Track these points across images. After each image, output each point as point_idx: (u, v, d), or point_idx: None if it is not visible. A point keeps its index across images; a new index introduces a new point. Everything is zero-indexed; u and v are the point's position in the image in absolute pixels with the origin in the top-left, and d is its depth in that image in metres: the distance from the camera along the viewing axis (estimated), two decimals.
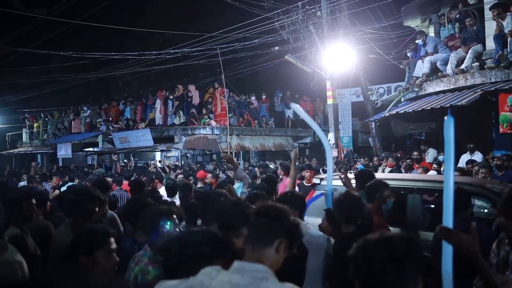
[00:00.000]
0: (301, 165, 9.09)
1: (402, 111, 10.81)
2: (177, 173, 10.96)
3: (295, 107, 3.41)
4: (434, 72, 11.01)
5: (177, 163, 17.02)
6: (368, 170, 6.12)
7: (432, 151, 10.57)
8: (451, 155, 1.89)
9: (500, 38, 9.16)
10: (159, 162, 16.41)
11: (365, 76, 14.85)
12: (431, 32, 12.66)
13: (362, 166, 11.09)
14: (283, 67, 18.83)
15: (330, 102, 13.83)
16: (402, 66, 13.11)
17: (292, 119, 19.68)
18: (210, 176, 8.82)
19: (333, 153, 13.43)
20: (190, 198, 5.29)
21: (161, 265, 2.41)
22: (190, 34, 15.96)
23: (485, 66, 9.73)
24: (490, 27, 9.66)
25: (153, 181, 7.81)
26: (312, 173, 7.52)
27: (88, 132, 21.98)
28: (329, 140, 13.83)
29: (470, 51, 9.89)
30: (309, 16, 13.26)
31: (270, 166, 13.75)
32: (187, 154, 19.90)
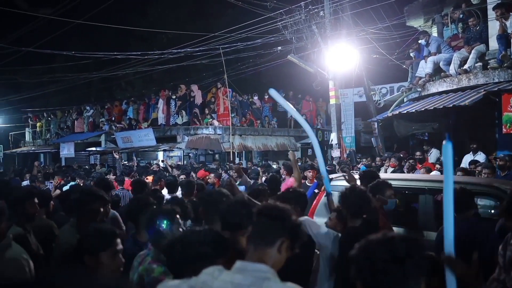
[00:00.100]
0: (303, 165, 9.09)
1: (405, 111, 10.79)
2: (178, 173, 10.95)
3: (274, 94, 3.33)
4: (437, 72, 10.99)
5: (179, 163, 17.04)
6: (372, 170, 6.10)
7: (435, 152, 10.54)
8: (451, 178, 1.90)
9: (503, 38, 9.13)
10: (162, 161, 16.43)
11: (368, 76, 14.81)
12: (434, 32, 12.63)
13: (364, 167, 11.05)
14: (286, 67, 18.82)
15: (332, 102, 13.79)
16: (405, 66, 13.09)
17: (294, 119, 19.64)
18: (212, 176, 8.83)
19: (335, 153, 13.49)
20: (192, 196, 5.30)
21: (165, 263, 2.42)
22: (193, 34, 15.97)
23: (488, 66, 9.70)
24: (494, 27, 9.63)
25: (160, 180, 7.80)
26: (314, 173, 7.50)
27: (90, 131, 22.04)
28: (331, 140, 13.85)
29: (473, 51, 9.87)
30: (312, 16, 13.23)
31: (273, 166, 13.73)
32: (190, 154, 19.90)
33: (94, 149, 21.48)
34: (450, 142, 1.91)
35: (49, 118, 25.61)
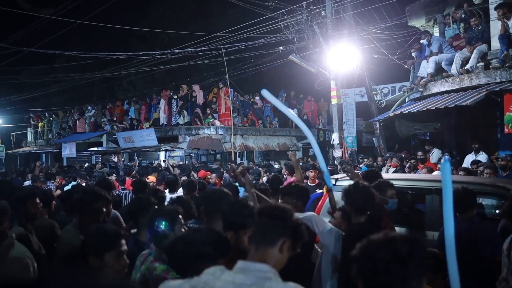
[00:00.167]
0: (305, 165, 9.08)
1: (407, 111, 10.78)
2: (178, 173, 10.95)
3: (266, 94, 3.31)
4: (439, 72, 10.97)
5: (181, 163, 17.05)
6: (374, 170, 6.08)
7: (436, 152, 10.52)
8: (450, 197, 1.90)
9: (505, 38, 9.11)
10: (163, 161, 16.45)
11: (369, 76, 14.80)
12: (436, 32, 12.61)
13: (365, 167, 11.05)
14: (288, 67, 18.83)
15: (334, 102, 13.78)
16: (406, 66, 13.07)
17: None
18: (214, 176, 8.82)
19: (337, 153, 13.49)
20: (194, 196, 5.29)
21: (166, 262, 2.42)
22: (194, 34, 16.00)
23: (490, 66, 9.68)
24: (495, 27, 9.61)
25: (164, 179, 7.80)
26: (316, 173, 7.50)
27: (92, 131, 22.07)
28: (333, 140, 13.85)
29: (475, 51, 9.84)
30: (313, 16, 13.23)
31: (275, 166, 13.74)
32: (191, 154, 19.92)
33: (96, 149, 21.49)
34: (448, 162, 1.93)
35: (51, 118, 25.64)
